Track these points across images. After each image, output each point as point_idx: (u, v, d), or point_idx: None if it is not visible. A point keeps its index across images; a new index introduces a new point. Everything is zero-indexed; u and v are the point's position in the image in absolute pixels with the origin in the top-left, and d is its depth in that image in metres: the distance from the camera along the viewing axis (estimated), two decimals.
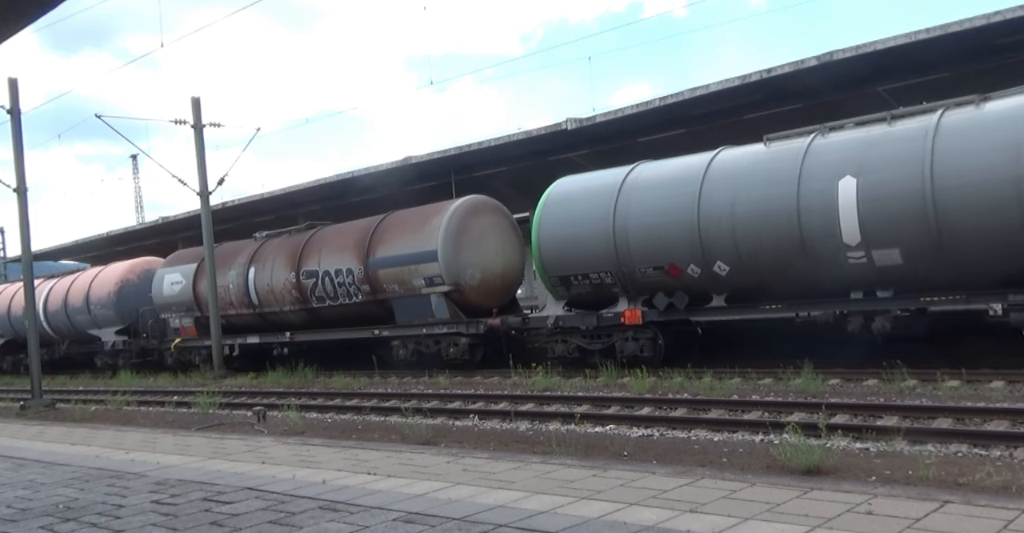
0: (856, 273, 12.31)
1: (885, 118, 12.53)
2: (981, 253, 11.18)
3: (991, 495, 5.17)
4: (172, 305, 24.63)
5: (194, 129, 23.31)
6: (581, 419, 9.96)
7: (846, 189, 12.09)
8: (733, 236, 13.28)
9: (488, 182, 23.34)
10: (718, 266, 13.59)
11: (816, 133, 13.19)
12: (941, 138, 11.45)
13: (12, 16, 7.93)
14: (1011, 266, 10.97)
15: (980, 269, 11.30)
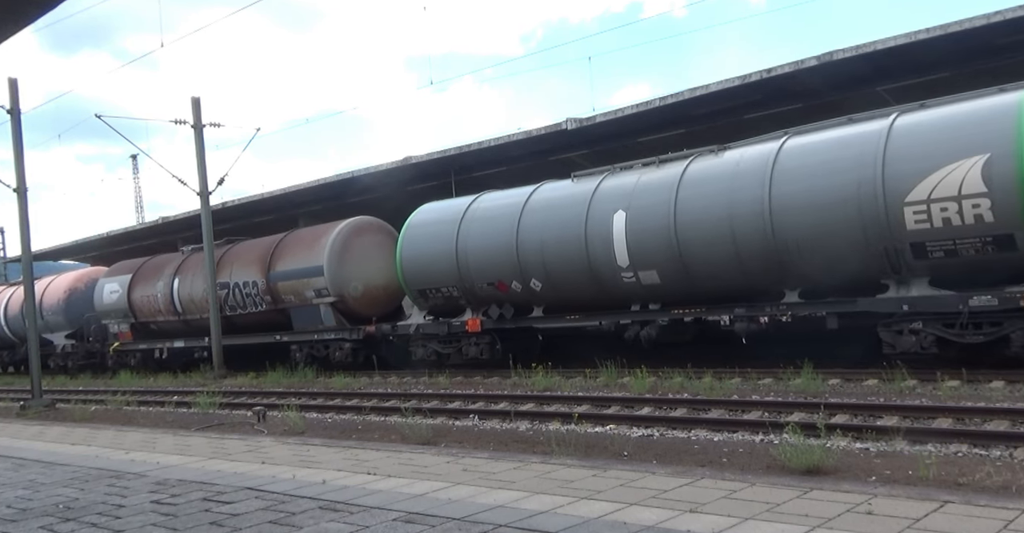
0: (630, 290, 15.00)
1: (654, 162, 15.34)
2: (711, 276, 13.97)
3: (991, 495, 5.17)
4: (111, 312, 26.91)
5: (194, 129, 23.31)
6: (581, 419, 9.96)
7: (618, 221, 14.85)
8: (542, 259, 16.09)
9: (488, 182, 23.30)
10: (533, 283, 16.42)
11: (607, 173, 16.04)
12: (684, 182, 14.27)
13: (11, 16, 7.92)
14: (732, 286, 13.86)
15: (713, 288, 14.12)
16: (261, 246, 22.60)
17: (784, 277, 13.27)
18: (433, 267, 17.82)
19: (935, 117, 12.06)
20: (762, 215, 13.03)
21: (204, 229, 22.88)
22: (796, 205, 12.76)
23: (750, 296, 13.86)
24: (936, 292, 11.87)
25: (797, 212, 12.75)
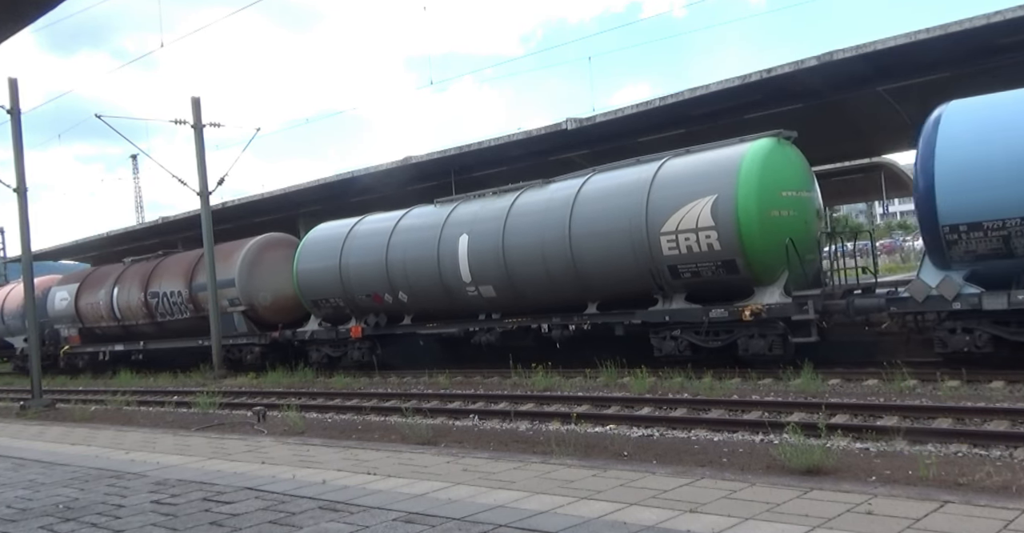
0: (475, 302, 17.42)
1: (496, 192, 17.84)
2: (532, 291, 16.42)
3: (991, 495, 5.17)
4: (62, 318, 29.15)
5: (194, 129, 23.29)
6: (581, 419, 9.96)
7: (463, 243, 17.22)
8: (406, 274, 18.41)
9: (488, 182, 23.27)
10: (401, 295, 18.76)
11: (461, 200, 18.46)
12: (512, 211, 16.73)
13: (11, 16, 7.92)
14: (548, 300, 16.27)
15: (535, 301, 16.55)
16: (186, 259, 24.87)
17: (584, 293, 15.76)
18: (322, 280, 20.28)
19: (688, 163, 14.64)
20: (565, 242, 15.54)
21: (204, 229, 22.87)
22: (589, 235, 15.26)
23: (562, 308, 16.20)
24: (688, 306, 14.31)
25: (590, 241, 15.23)
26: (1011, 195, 10.91)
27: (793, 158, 14.50)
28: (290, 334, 21.49)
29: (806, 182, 14.53)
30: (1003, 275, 11.57)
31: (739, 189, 13.39)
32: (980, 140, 11.38)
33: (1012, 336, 11.44)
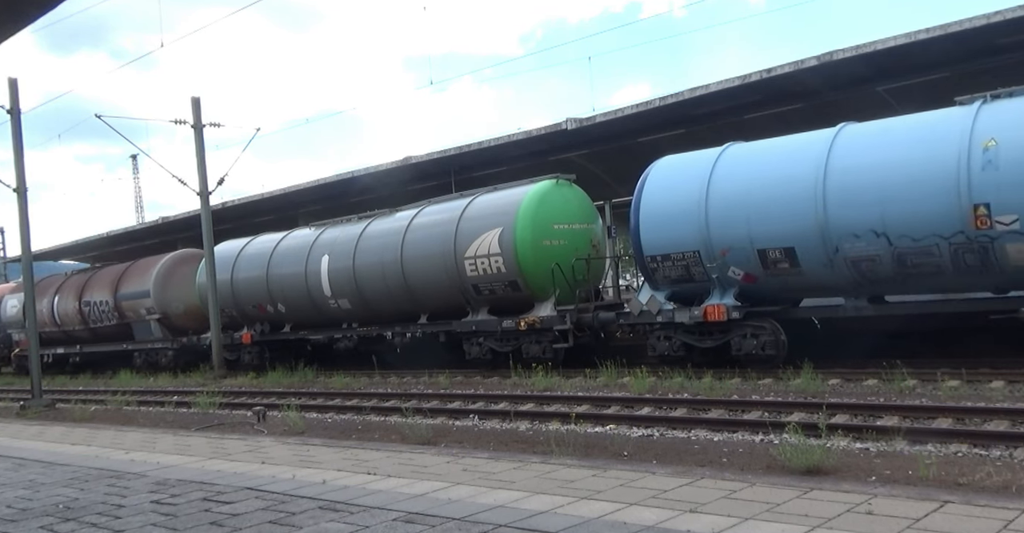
0: (336, 313, 20.50)
1: (353, 218, 21.07)
2: (378, 304, 19.45)
3: (991, 495, 5.17)
4: (12, 323, 32.28)
5: (194, 129, 23.29)
6: (581, 419, 9.96)
7: (324, 262, 20.37)
8: (283, 288, 21.62)
9: (488, 182, 23.29)
10: (280, 306, 21.99)
11: (329, 225, 21.58)
12: (362, 236, 19.86)
13: (11, 16, 7.93)
14: (391, 311, 19.40)
15: (381, 312, 19.66)
16: (113, 272, 27.94)
17: (416, 306, 18.74)
18: (219, 292, 22.80)
19: (488, 199, 17.73)
20: (398, 264, 18.57)
21: (204, 229, 22.88)
22: (416, 258, 18.27)
23: (402, 318, 19.22)
24: (489, 317, 17.13)
25: (417, 263, 18.22)
26: (688, 234, 14.03)
27: (570, 196, 17.56)
28: (196, 340, 24.43)
29: (581, 216, 17.52)
30: (691, 295, 14.57)
31: (517, 223, 16.51)
32: (667, 190, 14.58)
33: (697, 343, 14.37)
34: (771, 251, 13.27)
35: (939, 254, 11.72)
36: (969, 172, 11.32)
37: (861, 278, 12.62)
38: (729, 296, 13.94)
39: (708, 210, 13.81)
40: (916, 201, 11.74)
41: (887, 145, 12.33)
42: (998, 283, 11.91)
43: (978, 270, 11.66)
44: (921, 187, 11.70)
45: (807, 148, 13.08)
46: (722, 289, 14.03)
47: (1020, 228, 11.01)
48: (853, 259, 12.44)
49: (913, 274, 12.18)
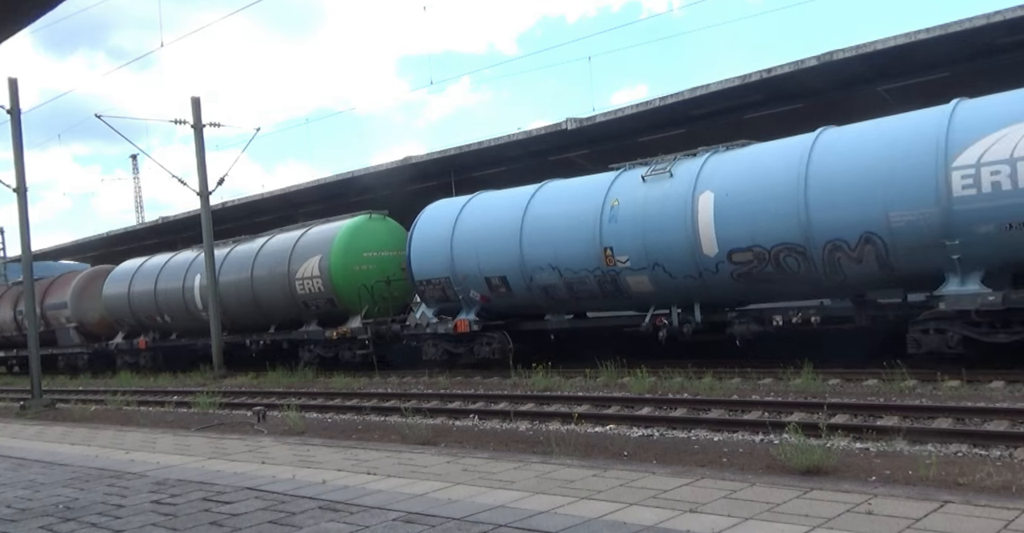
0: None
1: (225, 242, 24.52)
2: (239, 316, 23.01)
3: (991, 495, 5.17)
4: None
5: (194, 129, 23.30)
6: (581, 419, 9.95)
7: (197, 281, 23.87)
8: (168, 302, 25.21)
9: (487, 182, 23.28)
10: (166, 317, 25.60)
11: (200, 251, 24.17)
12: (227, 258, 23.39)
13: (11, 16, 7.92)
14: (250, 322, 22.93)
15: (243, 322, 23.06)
16: (41, 285, 29.76)
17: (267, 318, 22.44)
18: (118, 304, 27.03)
19: (317, 230, 21.43)
20: (249, 282, 22.37)
21: (204, 229, 22.89)
22: (263, 277, 22.00)
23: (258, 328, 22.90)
24: (317, 328, 20.90)
25: (264, 282, 22.01)
26: (441, 264, 17.80)
27: (381, 229, 20.97)
28: (106, 345, 28.16)
29: (391, 245, 20.52)
30: (451, 311, 18.03)
31: (332, 251, 20.14)
32: (430, 228, 18.35)
33: (453, 349, 17.91)
34: (493, 279, 17.12)
35: (590, 283, 15.58)
36: (601, 224, 15.17)
37: (549, 299, 16.59)
38: (472, 313, 17.65)
39: (453, 246, 17.66)
40: (573, 243, 15.62)
41: (563, 200, 16.39)
42: (628, 304, 15.75)
43: (614, 294, 15.50)
44: (577, 233, 15.57)
45: (514, 200, 17.18)
46: (467, 307, 17.81)
47: (631, 265, 14.81)
48: (542, 285, 16.38)
49: (579, 297, 16.14)
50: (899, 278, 12.39)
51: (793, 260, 12.97)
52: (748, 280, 13.67)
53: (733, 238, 13.52)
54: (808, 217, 12.64)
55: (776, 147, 13.93)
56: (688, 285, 14.39)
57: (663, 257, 14.43)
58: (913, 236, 11.77)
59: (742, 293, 14.25)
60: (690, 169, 14.46)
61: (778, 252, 13.09)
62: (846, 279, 12.72)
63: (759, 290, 13.92)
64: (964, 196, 11.29)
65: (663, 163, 15.05)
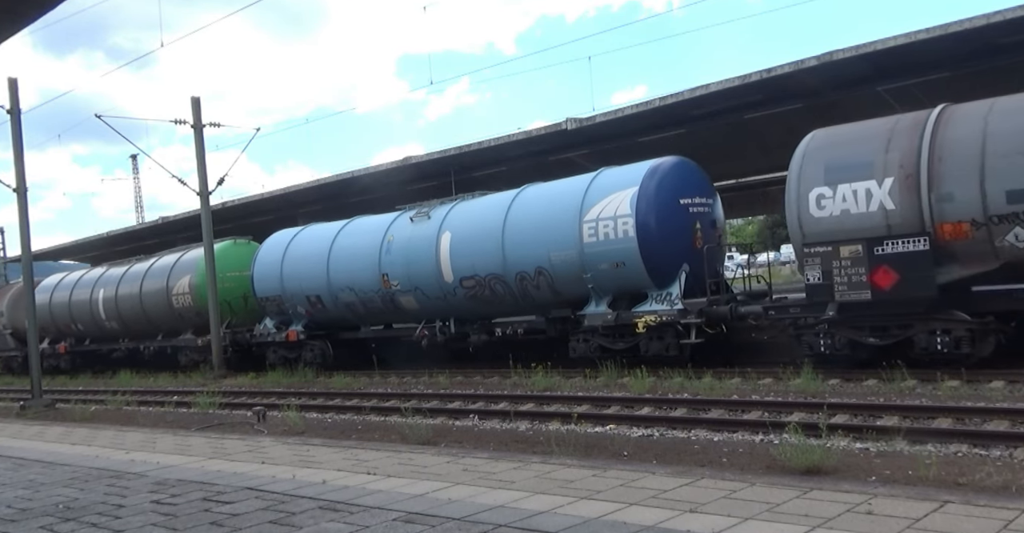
0: (112, 331, 27.29)
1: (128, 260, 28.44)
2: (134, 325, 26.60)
3: (991, 495, 5.17)
4: None
5: (194, 129, 23.30)
6: (581, 419, 9.96)
7: (100, 294, 27.53)
8: (81, 312, 28.53)
9: (487, 182, 23.26)
10: (79, 325, 28.88)
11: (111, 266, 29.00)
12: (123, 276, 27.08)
13: (11, 16, 7.93)
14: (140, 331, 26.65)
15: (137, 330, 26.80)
16: None
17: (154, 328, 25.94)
18: (42, 313, 27.10)
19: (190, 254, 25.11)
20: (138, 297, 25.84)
21: (204, 229, 22.90)
22: (150, 293, 25.60)
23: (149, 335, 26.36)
24: (191, 337, 24.45)
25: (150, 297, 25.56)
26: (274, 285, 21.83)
27: (244, 252, 24.11)
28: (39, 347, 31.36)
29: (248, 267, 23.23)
30: (289, 322, 21.98)
31: (197, 272, 23.68)
32: (268, 255, 22.42)
33: (287, 354, 21.78)
34: (312, 297, 20.93)
35: (376, 301, 19.47)
36: (380, 255, 19.16)
37: (352, 314, 20.45)
38: (300, 325, 21.58)
39: (283, 270, 21.61)
40: (363, 270, 19.50)
41: (358, 235, 20.23)
42: (406, 318, 19.93)
43: (394, 311, 19.56)
44: (365, 262, 19.47)
45: (326, 234, 21.20)
46: (296, 320, 21.70)
47: (401, 288, 18.75)
48: (345, 303, 20.26)
49: (372, 312, 20.02)
50: (565, 300, 16.38)
51: (499, 286, 17.03)
52: (476, 301, 17.63)
53: (462, 268, 17.51)
54: (504, 254, 16.71)
55: (494, 199, 17.94)
56: (439, 304, 18.40)
57: (420, 282, 18.39)
58: (566, 270, 15.87)
59: (475, 310, 18.09)
60: (440, 213, 18.52)
61: (490, 280, 17.11)
62: (533, 300, 16.81)
63: (485, 308, 17.86)
64: (589, 242, 15.48)
65: (426, 207, 19.16)
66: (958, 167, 11.43)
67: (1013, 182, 10.99)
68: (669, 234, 14.92)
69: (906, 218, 11.80)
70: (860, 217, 12.17)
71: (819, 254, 12.52)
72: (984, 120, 11.56)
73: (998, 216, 11.13)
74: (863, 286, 12.11)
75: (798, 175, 12.84)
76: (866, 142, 12.48)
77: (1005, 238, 11.17)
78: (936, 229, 11.60)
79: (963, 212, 11.39)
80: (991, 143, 11.26)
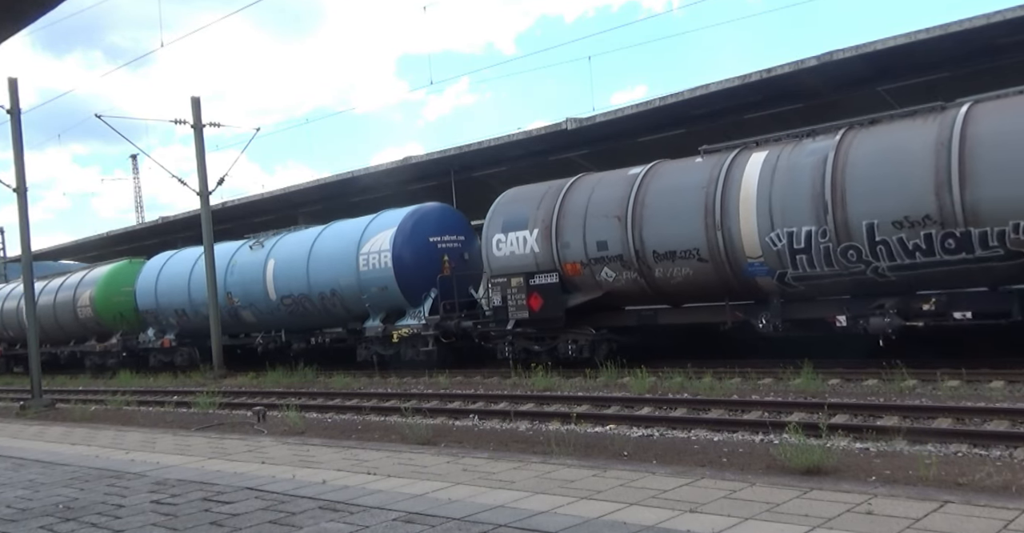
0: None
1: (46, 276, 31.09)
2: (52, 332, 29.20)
3: (991, 495, 5.17)
4: None
5: (194, 129, 23.30)
6: (581, 419, 9.95)
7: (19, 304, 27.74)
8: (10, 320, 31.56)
9: (487, 182, 23.32)
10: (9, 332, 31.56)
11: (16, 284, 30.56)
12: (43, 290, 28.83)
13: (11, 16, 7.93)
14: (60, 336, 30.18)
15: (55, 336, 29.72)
16: None
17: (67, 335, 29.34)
18: None
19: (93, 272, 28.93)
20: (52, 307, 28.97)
21: (204, 229, 22.90)
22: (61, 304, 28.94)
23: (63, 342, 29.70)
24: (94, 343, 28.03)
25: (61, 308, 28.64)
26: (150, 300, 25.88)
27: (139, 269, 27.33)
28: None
29: None
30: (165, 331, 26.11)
31: (97, 287, 27.62)
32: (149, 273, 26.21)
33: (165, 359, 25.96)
34: (179, 310, 25.03)
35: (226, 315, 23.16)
36: (226, 277, 22.96)
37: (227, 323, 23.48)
38: (172, 333, 25.79)
39: (158, 287, 25.51)
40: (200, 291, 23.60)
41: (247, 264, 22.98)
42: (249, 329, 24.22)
43: (239, 323, 23.69)
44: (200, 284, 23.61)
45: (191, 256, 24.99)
46: (170, 329, 25.87)
47: (242, 304, 22.82)
48: (203, 315, 23.20)
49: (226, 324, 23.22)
50: (355, 316, 20.29)
51: (308, 304, 21.05)
52: (294, 315, 21.72)
53: (282, 289, 21.58)
54: (309, 278, 20.83)
55: (307, 233, 21.95)
56: (270, 318, 22.43)
57: (254, 299, 22.48)
58: (350, 292, 20.02)
59: (295, 323, 21.99)
60: (270, 243, 22.62)
61: (301, 299, 21.14)
62: (333, 315, 20.72)
63: (302, 321, 21.74)
64: (364, 270, 19.55)
65: (262, 238, 23.16)
66: (572, 223, 15.54)
67: (600, 236, 15.07)
68: (420, 265, 18.99)
69: (546, 259, 15.94)
70: (521, 257, 16.34)
71: (499, 283, 16.64)
72: (592, 189, 15.58)
73: (594, 259, 15.19)
74: (524, 307, 16.28)
75: (488, 224, 17.06)
76: (527, 202, 16.57)
77: (600, 275, 15.21)
78: (563, 267, 15.70)
79: (576, 256, 15.49)
80: (591, 207, 15.32)
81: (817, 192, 12.32)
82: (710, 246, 13.56)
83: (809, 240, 12.52)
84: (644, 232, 14.42)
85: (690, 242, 13.81)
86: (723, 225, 13.37)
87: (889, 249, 11.86)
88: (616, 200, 14.89)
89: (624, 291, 15.14)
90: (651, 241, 14.33)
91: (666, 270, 14.28)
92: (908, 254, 11.75)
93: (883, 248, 11.90)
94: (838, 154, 12.32)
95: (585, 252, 15.26)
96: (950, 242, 11.36)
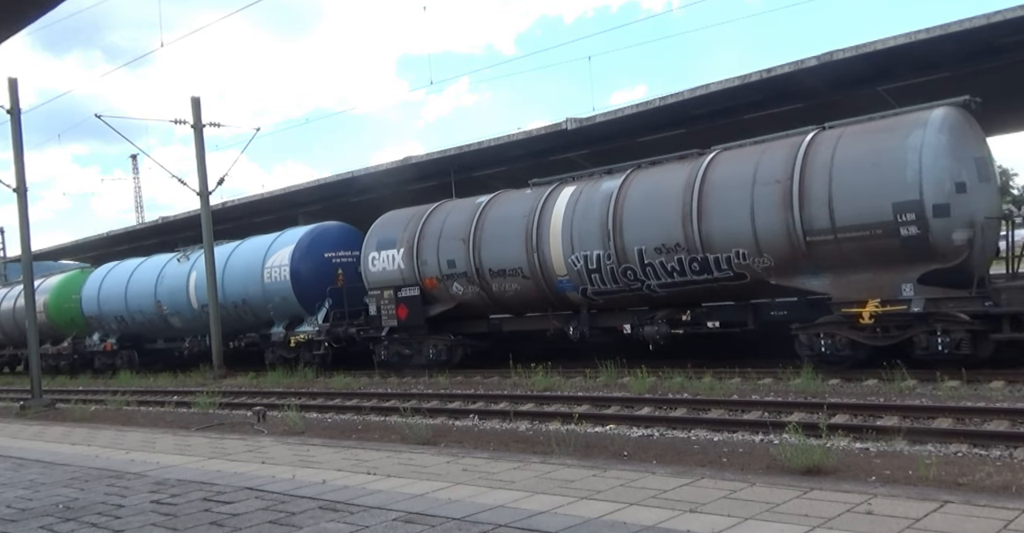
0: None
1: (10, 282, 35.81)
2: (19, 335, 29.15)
3: (991, 495, 5.17)
4: None
5: (194, 129, 23.29)
6: (581, 419, 9.95)
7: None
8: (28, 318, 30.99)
9: (487, 182, 23.27)
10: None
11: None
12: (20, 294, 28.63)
13: (11, 16, 7.93)
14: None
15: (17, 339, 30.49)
16: None
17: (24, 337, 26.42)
18: None
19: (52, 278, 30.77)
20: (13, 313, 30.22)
21: (204, 229, 22.89)
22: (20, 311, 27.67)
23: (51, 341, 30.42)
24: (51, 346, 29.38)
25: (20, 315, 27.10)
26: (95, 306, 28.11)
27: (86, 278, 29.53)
28: None
29: None
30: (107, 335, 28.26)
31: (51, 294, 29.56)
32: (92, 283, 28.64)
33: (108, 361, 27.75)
34: (119, 316, 26.98)
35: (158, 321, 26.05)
36: (156, 286, 25.53)
37: (145, 330, 26.66)
38: (114, 337, 27.78)
39: (100, 294, 27.80)
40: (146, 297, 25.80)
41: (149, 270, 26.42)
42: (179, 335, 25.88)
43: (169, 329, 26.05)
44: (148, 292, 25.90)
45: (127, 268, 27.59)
46: (112, 334, 27.78)
47: (169, 311, 25.23)
48: (139, 322, 26.51)
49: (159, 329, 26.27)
50: (264, 322, 22.58)
51: (224, 311, 22.86)
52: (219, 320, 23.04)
53: (202, 298, 23.32)
54: (224, 289, 22.96)
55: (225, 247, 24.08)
56: (194, 324, 24.37)
57: (179, 308, 24.85)
58: (258, 302, 22.45)
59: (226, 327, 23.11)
60: (194, 256, 24.62)
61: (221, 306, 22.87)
62: (246, 322, 23.14)
63: (233, 326, 23.30)
64: (268, 282, 21.97)
65: (188, 251, 25.30)
66: (430, 244, 18.00)
67: (450, 255, 17.57)
68: (316, 277, 21.31)
69: (410, 274, 18.35)
70: (391, 272, 18.74)
71: (375, 295, 19.11)
72: (447, 214, 18.10)
73: (447, 275, 17.65)
74: (394, 317, 18.68)
75: (365, 243, 19.64)
76: (397, 225, 19.02)
77: (452, 288, 17.65)
78: (423, 282, 18.14)
79: (433, 272, 17.94)
80: (444, 231, 17.83)
81: (603, 222, 15.06)
82: (530, 265, 16.23)
83: (599, 262, 15.24)
84: (482, 253, 17.06)
85: (516, 262, 16.46)
86: (538, 248, 16.09)
87: (655, 270, 14.49)
88: (463, 225, 17.50)
89: (471, 303, 17.66)
90: (487, 260, 16.98)
91: (500, 285, 16.91)
92: (668, 274, 14.40)
93: (651, 269, 14.53)
94: (620, 190, 15.10)
95: (439, 269, 17.79)
96: (695, 265, 13.96)
